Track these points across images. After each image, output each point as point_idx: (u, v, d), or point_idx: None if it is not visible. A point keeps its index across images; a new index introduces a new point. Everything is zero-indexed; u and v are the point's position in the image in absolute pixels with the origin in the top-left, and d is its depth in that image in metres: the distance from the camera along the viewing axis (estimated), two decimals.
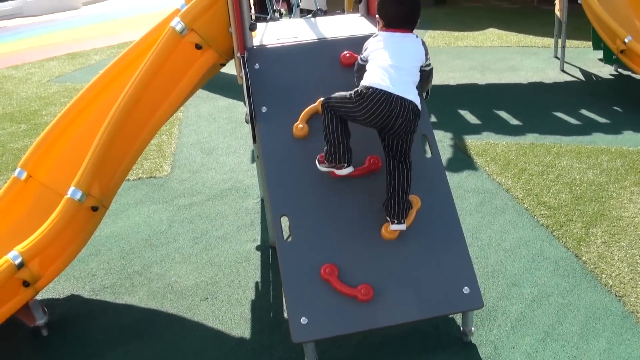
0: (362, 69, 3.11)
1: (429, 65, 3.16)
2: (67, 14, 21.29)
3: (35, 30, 17.61)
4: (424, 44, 3.11)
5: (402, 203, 3.00)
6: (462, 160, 5.58)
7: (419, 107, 2.98)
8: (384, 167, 3.10)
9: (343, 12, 5.55)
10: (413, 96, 2.95)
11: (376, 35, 3.13)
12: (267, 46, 3.53)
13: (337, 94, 3.01)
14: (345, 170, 3.06)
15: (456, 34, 11.38)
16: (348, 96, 2.95)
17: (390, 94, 2.87)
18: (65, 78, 10.42)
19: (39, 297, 3.55)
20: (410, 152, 3.05)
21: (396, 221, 3.01)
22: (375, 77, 2.93)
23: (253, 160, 5.80)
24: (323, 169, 3.11)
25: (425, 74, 3.16)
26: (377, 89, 2.88)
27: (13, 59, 12.72)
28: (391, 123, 2.91)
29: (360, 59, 3.17)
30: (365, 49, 3.13)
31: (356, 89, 2.94)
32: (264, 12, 5.72)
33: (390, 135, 2.98)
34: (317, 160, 3.13)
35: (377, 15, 3.18)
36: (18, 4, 22.27)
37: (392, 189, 3.01)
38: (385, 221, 3.06)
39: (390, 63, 2.96)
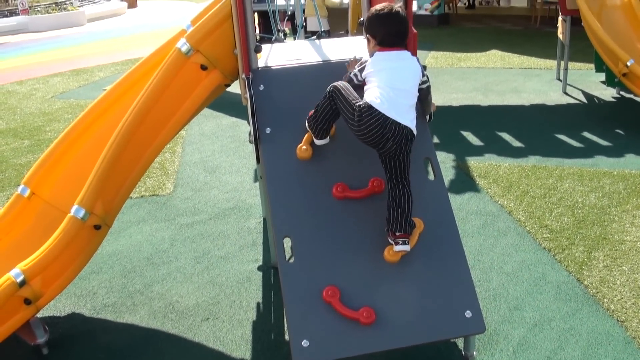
0: (351, 82, 3.16)
1: (426, 82, 3.19)
2: (71, 30, 21.42)
3: (39, 46, 17.71)
4: (418, 60, 3.15)
5: (404, 219, 3.01)
6: (465, 182, 5.59)
7: (414, 132, 3.01)
8: (384, 190, 3.13)
9: (347, 33, 5.58)
10: (409, 121, 2.98)
11: (373, 56, 3.15)
12: (272, 68, 3.55)
13: (346, 94, 3.03)
14: (323, 141, 3.26)
15: (459, 55, 11.43)
16: (352, 108, 2.98)
17: (387, 117, 2.90)
18: (69, 94, 10.47)
19: (39, 315, 3.54)
20: (408, 174, 3.06)
21: (400, 238, 3.01)
22: (375, 97, 2.95)
23: (256, 180, 5.81)
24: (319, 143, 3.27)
25: (424, 92, 3.19)
26: (375, 109, 2.91)
27: (17, 74, 12.79)
28: (382, 143, 2.95)
29: (355, 77, 3.19)
30: (362, 69, 3.15)
31: (359, 104, 2.96)
32: (268, 32, 5.75)
33: (383, 154, 3.02)
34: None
35: (367, 35, 3.20)
36: (23, 20, 22.40)
37: (392, 208, 3.03)
38: (388, 244, 3.05)
39: (389, 85, 2.99)
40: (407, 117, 2.98)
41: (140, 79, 3.89)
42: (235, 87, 3.88)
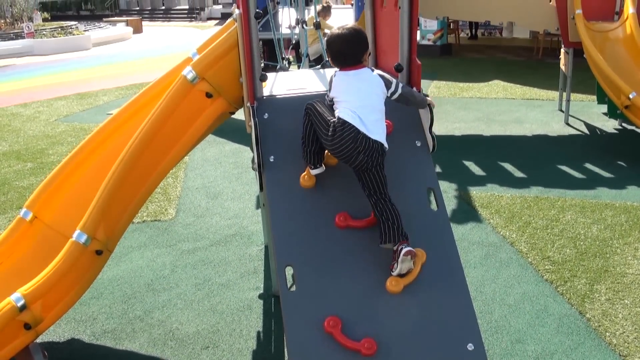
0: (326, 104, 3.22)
1: (397, 91, 3.14)
2: (77, 54, 21.59)
3: (45, 69, 17.84)
4: (381, 75, 3.15)
5: (395, 229, 3.00)
6: (467, 212, 5.59)
7: (384, 145, 3.04)
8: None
9: None
10: (378, 135, 3.01)
11: (334, 75, 3.19)
12: (277, 96, 3.56)
13: (320, 110, 3.11)
14: (317, 170, 3.20)
15: (461, 85, 11.50)
16: (326, 123, 3.03)
17: (358, 131, 2.95)
18: (73, 118, 10.52)
19: (39, 340, 3.52)
20: (385, 189, 3.08)
21: (399, 247, 2.97)
22: (345, 114, 3.00)
23: (258, 206, 5.81)
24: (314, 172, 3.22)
25: (402, 98, 3.18)
26: (348, 124, 2.96)
27: (22, 96, 12.86)
28: (353, 157, 2.98)
29: (327, 97, 3.23)
30: (329, 89, 3.19)
31: (333, 120, 3.01)
32: (272, 59, 5.79)
33: (356, 169, 3.05)
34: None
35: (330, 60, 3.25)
36: (28, 43, 22.58)
37: (382, 221, 3.03)
38: (390, 274, 3.04)
39: (355, 104, 3.03)
40: (376, 132, 3.01)
41: (146, 105, 3.91)
42: (239, 114, 3.91)
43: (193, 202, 6.17)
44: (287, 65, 5.11)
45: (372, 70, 3.18)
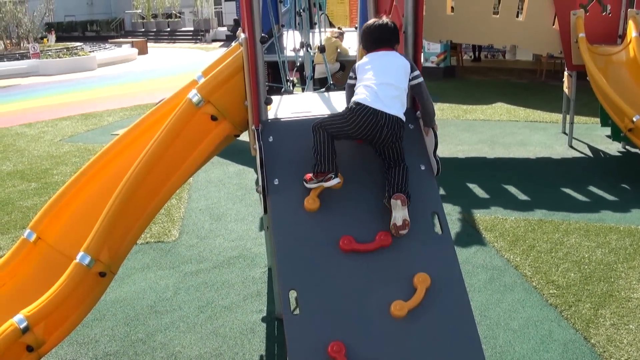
0: (351, 88, 3.35)
1: (417, 77, 3.29)
2: (82, 74, 21.70)
3: (50, 89, 17.93)
4: (408, 59, 3.33)
5: (401, 184, 3.16)
6: (471, 235, 5.58)
7: (403, 119, 3.18)
8: (394, 242, 3.11)
9: None
10: (395, 110, 3.16)
11: (360, 61, 3.35)
12: (281, 120, 3.58)
13: (327, 116, 3.28)
14: (333, 181, 3.20)
15: (465, 107, 11.52)
16: (339, 115, 3.21)
17: (376, 109, 3.11)
18: (77, 138, 10.56)
19: None
20: (403, 157, 3.24)
21: (397, 198, 3.11)
22: (362, 95, 3.17)
23: (261, 228, 5.80)
24: (312, 186, 3.21)
25: (417, 89, 3.31)
26: (363, 105, 3.12)
27: (27, 116, 12.92)
28: (378, 134, 3.13)
29: (349, 77, 3.38)
30: (354, 71, 3.35)
31: (347, 106, 3.20)
32: (277, 81, 5.82)
33: (380, 145, 3.19)
34: (304, 181, 3.23)
35: (362, 51, 3.47)
36: (34, 63, 22.73)
37: (390, 178, 3.19)
38: (394, 298, 3.03)
39: (375, 81, 3.18)
40: (393, 108, 3.15)
41: (151, 127, 3.92)
42: (243, 135, 3.92)
43: (196, 223, 6.17)
44: (291, 88, 5.13)
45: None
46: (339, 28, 10.60)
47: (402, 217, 3.11)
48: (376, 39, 3.33)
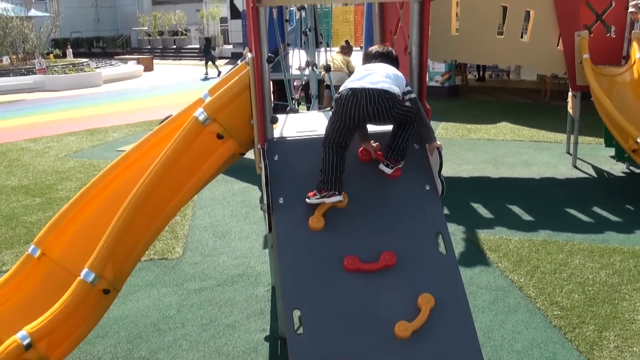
0: None
1: (412, 92, 3.38)
2: (87, 90, 21.79)
3: (55, 104, 18.01)
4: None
5: (403, 148, 3.30)
6: (475, 255, 5.57)
7: (390, 90, 3.18)
8: (399, 262, 3.11)
9: None
10: (381, 85, 3.18)
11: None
12: (287, 138, 3.59)
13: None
14: (336, 198, 3.23)
15: (469, 126, 11.54)
16: (331, 118, 3.26)
17: (354, 88, 3.18)
18: (82, 154, 10.59)
19: None
20: (411, 114, 3.26)
21: (388, 161, 3.28)
22: (345, 86, 3.25)
23: (265, 246, 5.80)
24: (315, 201, 3.24)
25: (413, 102, 3.35)
26: (344, 91, 3.21)
27: (32, 131, 12.97)
28: (367, 112, 3.16)
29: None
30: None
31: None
32: (282, 99, 5.85)
33: (378, 119, 3.24)
34: (307, 198, 3.25)
35: None
36: (40, 79, 22.85)
37: (395, 139, 3.29)
38: (399, 319, 3.02)
39: (358, 76, 3.28)
40: (377, 84, 3.18)
41: (157, 145, 3.93)
42: (248, 153, 3.94)
43: (200, 240, 6.17)
44: (296, 107, 5.16)
45: None
46: (346, 42, 10.63)
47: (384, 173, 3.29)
48: (376, 54, 3.50)
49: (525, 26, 8.82)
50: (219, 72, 25.75)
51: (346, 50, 10.24)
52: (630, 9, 7.91)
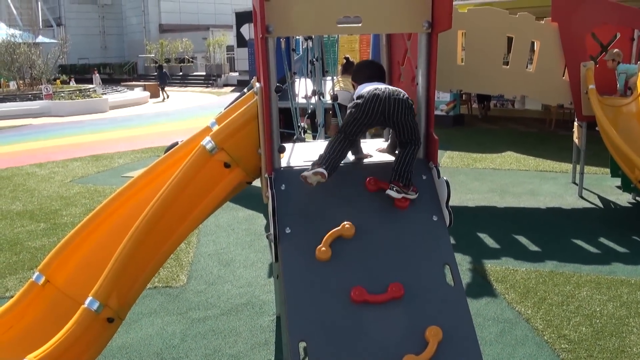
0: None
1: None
2: (94, 116, 21.93)
3: (61, 130, 18.12)
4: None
5: (405, 171, 3.32)
6: (482, 286, 5.52)
7: (409, 100, 3.35)
8: (407, 294, 3.08)
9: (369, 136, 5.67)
10: (402, 95, 3.34)
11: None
12: (294, 168, 3.58)
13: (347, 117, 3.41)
14: (320, 170, 3.27)
15: (474, 155, 11.54)
16: (351, 112, 3.35)
17: (384, 96, 3.29)
18: (87, 179, 10.61)
19: None
20: (418, 134, 3.38)
21: (395, 185, 3.28)
22: (368, 88, 3.36)
23: (270, 275, 5.77)
24: (306, 174, 3.29)
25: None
26: (376, 94, 3.30)
27: (37, 156, 13.03)
28: (390, 116, 3.29)
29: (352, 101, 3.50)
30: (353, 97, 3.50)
31: (363, 97, 3.33)
32: (288, 127, 5.87)
33: (393, 123, 3.34)
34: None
35: (353, 83, 3.72)
36: (46, 104, 23.02)
37: (400, 160, 3.33)
38: (407, 351, 2.98)
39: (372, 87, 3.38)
40: (399, 93, 3.33)
41: (163, 173, 3.93)
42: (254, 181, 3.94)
43: (205, 268, 6.14)
44: (303, 135, 5.17)
45: None
46: (345, 59, 10.51)
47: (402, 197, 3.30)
48: (372, 75, 3.62)
49: (530, 57, 8.86)
50: (164, 98, 28.47)
51: (349, 68, 10.03)
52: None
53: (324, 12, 3.27)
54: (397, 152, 3.41)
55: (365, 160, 3.66)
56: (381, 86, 3.42)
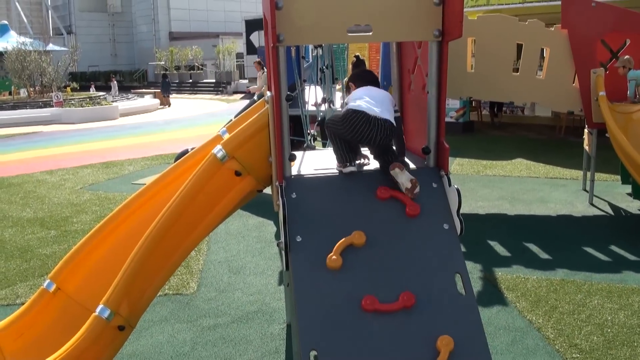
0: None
1: (397, 111, 3.70)
2: (104, 123, 22.02)
3: (71, 137, 18.20)
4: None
5: (394, 153, 3.56)
6: (493, 294, 5.50)
7: (394, 123, 3.50)
8: (417, 303, 3.08)
9: None
10: (387, 115, 3.47)
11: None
12: (305, 176, 3.59)
13: (334, 117, 3.66)
14: (349, 169, 3.55)
15: (484, 162, 11.52)
16: (339, 118, 3.53)
17: (369, 115, 3.41)
18: (98, 186, 10.64)
19: None
20: (396, 154, 3.58)
21: (401, 167, 3.39)
22: (356, 105, 3.48)
23: (281, 282, 5.76)
24: (342, 170, 3.57)
25: (398, 121, 3.62)
26: (358, 110, 3.43)
27: (48, 164, 13.08)
28: (372, 139, 3.44)
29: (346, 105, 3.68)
30: (347, 101, 3.65)
31: (345, 112, 3.51)
32: (298, 134, 5.87)
33: (373, 145, 3.55)
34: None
35: (350, 84, 3.89)
36: (57, 111, 23.14)
37: (382, 166, 3.53)
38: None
39: (366, 99, 3.52)
40: (385, 114, 3.46)
41: (174, 181, 3.95)
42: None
43: (215, 276, 6.14)
44: (312, 143, 5.17)
45: None
46: (355, 57, 10.47)
47: (408, 179, 3.36)
48: (369, 81, 3.80)
49: (540, 64, 8.84)
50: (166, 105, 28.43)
51: (359, 66, 9.96)
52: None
53: (335, 21, 3.28)
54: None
55: (373, 168, 3.66)
56: (374, 92, 3.59)
